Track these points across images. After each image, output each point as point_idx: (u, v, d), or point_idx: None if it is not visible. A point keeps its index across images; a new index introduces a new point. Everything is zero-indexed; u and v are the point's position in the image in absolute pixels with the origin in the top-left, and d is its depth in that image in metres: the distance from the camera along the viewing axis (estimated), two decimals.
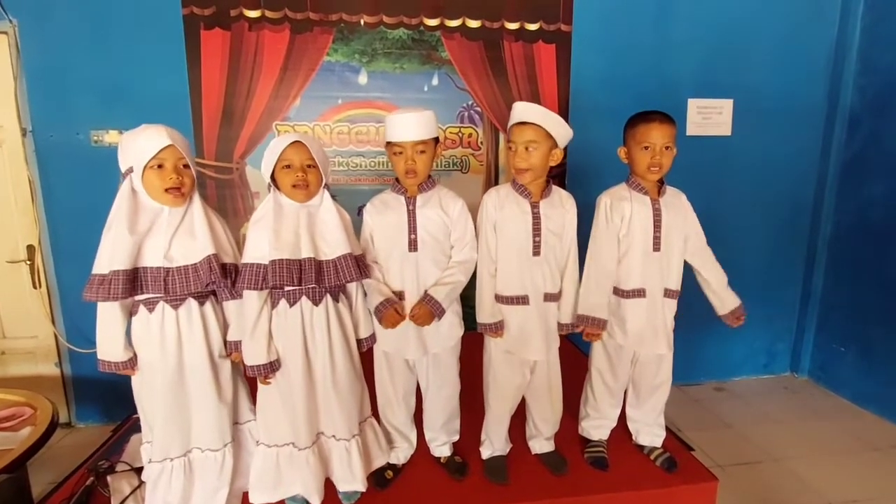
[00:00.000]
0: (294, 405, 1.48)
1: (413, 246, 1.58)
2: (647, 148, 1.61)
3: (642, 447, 1.84)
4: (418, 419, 1.77)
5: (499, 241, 1.61)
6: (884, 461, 2.41)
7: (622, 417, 1.87)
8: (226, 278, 1.40)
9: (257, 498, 1.53)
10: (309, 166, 1.45)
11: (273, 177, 1.47)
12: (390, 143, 1.56)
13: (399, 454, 1.74)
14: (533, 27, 2.74)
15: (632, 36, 2.82)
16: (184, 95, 2.53)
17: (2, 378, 2.59)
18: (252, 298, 1.43)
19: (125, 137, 1.39)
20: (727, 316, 1.77)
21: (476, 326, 1.66)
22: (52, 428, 1.85)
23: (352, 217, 1.56)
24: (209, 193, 2.62)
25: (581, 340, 1.79)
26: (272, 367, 1.45)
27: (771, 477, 2.29)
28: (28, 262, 2.55)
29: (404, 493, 1.63)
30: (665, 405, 1.83)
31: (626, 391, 1.84)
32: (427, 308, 1.55)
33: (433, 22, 2.67)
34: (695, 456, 1.84)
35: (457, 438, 1.80)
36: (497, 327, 1.62)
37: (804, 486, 2.22)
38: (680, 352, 1.76)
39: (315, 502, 1.52)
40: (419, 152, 1.54)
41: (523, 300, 1.61)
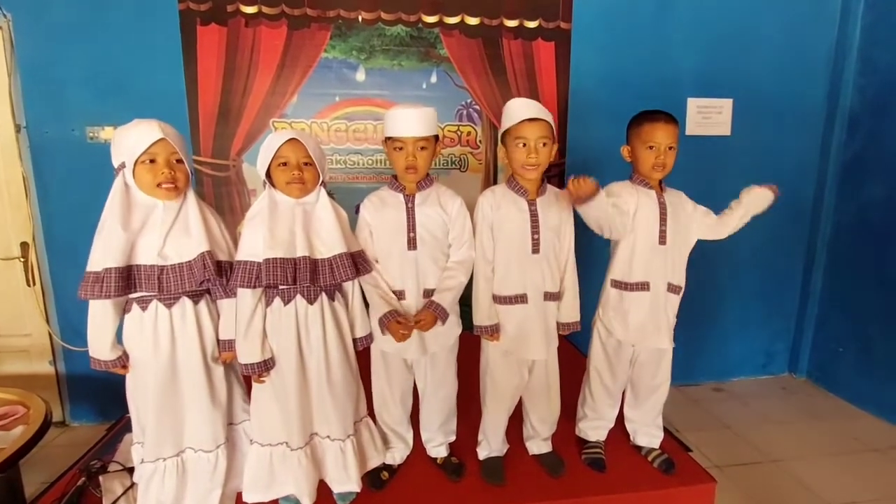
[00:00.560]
0: (288, 404, 1.47)
1: (412, 244, 1.56)
2: (652, 148, 1.60)
3: (640, 448, 1.83)
4: (415, 419, 1.76)
5: (497, 241, 1.59)
6: (882, 462, 2.41)
7: (619, 418, 1.86)
8: (220, 276, 1.39)
9: (251, 497, 1.52)
10: (305, 164, 1.43)
11: (269, 174, 1.46)
12: (391, 139, 1.53)
13: (395, 455, 1.72)
14: (532, 24, 2.72)
15: (632, 34, 2.81)
16: (180, 91, 2.51)
17: None
18: (246, 296, 1.41)
19: (117, 132, 1.37)
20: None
21: (471, 325, 1.64)
22: (45, 427, 1.82)
23: (350, 216, 1.54)
24: (206, 191, 2.60)
25: (580, 341, 1.78)
26: (266, 366, 1.44)
27: (769, 478, 2.29)
28: (22, 260, 2.54)
29: (400, 495, 1.62)
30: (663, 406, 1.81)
31: (625, 391, 1.83)
32: (433, 315, 1.54)
33: (432, 19, 2.65)
34: (693, 457, 1.83)
35: (453, 439, 1.78)
36: (493, 330, 1.60)
37: (802, 487, 2.21)
38: (678, 352, 1.75)
39: (306, 503, 1.51)
40: (420, 149, 1.52)
41: (522, 299, 1.59)
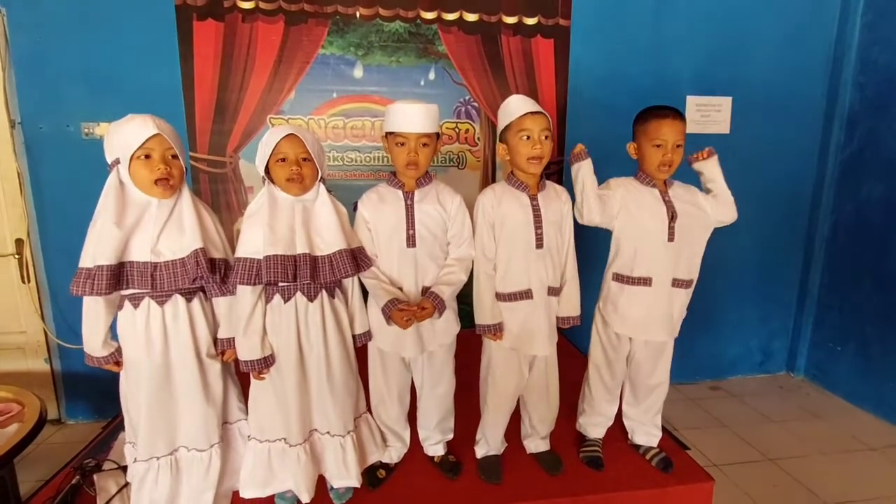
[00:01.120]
0: (287, 401, 1.47)
1: (411, 241, 1.54)
2: (659, 146, 1.58)
3: (638, 447, 1.83)
4: (412, 418, 1.75)
5: (500, 238, 1.58)
6: (879, 460, 2.41)
7: (618, 415, 1.85)
8: (214, 273, 1.37)
9: (248, 493, 1.52)
10: (304, 159, 1.42)
11: (267, 170, 1.44)
12: (392, 134, 1.52)
13: (392, 453, 1.72)
14: (531, 21, 2.71)
15: (631, 31, 2.80)
16: (176, 87, 2.49)
17: None
18: (246, 293, 1.41)
19: (111, 128, 1.35)
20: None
21: (471, 324, 1.63)
22: (40, 425, 1.82)
23: (348, 213, 1.53)
24: (202, 188, 2.58)
25: (578, 338, 1.78)
26: (266, 363, 1.44)
27: (767, 476, 2.29)
28: (17, 256, 2.52)
29: (396, 493, 1.61)
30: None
31: (624, 389, 1.83)
32: (432, 305, 1.53)
33: (430, 15, 2.63)
34: (690, 455, 1.83)
35: (451, 437, 1.78)
36: (497, 328, 1.59)
37: (800, 486, 2.21)
38: (676, 350, 1.75)
39: (305, 499, 1.51)
40: (422, 145, 1.51)
41: (527, 294, 1.58)
